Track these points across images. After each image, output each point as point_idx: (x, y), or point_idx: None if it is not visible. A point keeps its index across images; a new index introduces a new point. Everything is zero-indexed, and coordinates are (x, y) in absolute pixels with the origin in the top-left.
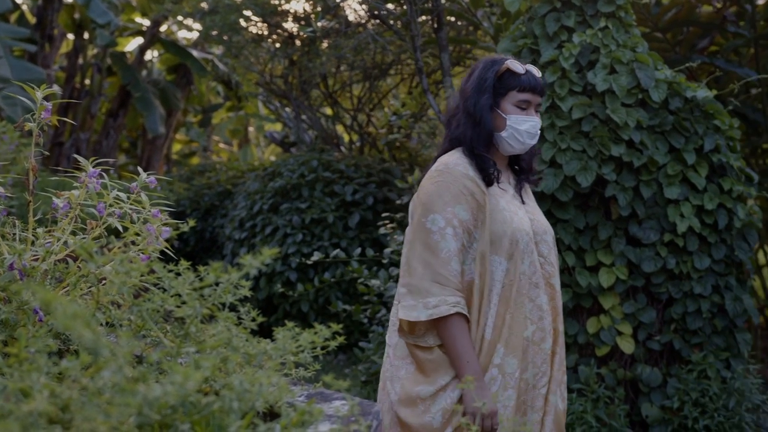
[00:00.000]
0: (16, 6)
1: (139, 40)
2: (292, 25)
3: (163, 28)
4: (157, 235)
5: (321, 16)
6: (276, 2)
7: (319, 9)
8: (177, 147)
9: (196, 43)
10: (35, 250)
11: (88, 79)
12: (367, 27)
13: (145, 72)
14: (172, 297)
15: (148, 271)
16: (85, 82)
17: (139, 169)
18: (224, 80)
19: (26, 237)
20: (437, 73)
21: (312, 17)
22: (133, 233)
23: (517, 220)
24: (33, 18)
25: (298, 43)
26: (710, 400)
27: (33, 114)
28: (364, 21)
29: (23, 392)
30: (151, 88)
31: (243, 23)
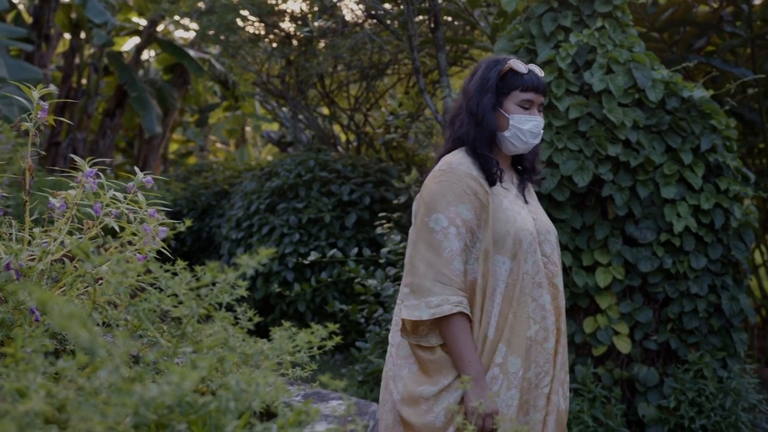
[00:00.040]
0: (13, 5)
1: (136, 39)
2: (289, 25)
3: (160, 27)
4: (153, 235)
5: (318, 16)
6: (273, 2)
7: (316, 9)
8: (174, 147)
9: (193, 43)
10: (32, 250)
11: (85, 78)
12: (364, 27)
13: (141, 72)
14: (169, 297)
15: (145, 271)
16: (82, 82)
17: (136, 168)
18: (221, 80)
19: (23, 237)
20: (434, 73)
21: (309, 17)
22: (130, 233)
23: (520, 219)
24: (30, 17)
25: (295, 43)
26: (707, 399)
27: (29, 114)
28: (361, 21)
29: (20, 392)
30: (148, 87)
31: (240, 23)
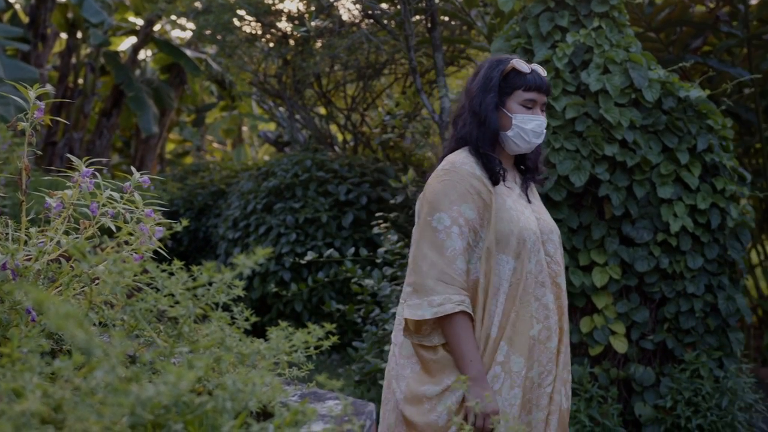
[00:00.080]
0: (9, 5)
1: (133, 39)
2: (285, 25)
3: (156, 27)
4: (150, 235)
5: (315, 16)
6: (270, 2)
7: (313, 8)
8: (170, 146)
9: (189, 43)
10: (28, 250)
11: (81, 78)
12: (361, 26)
13: (138, 71)
14: (165, 297)
15: (141, 271)
16: (78, 82)
17: (133, 168)
18: (218, 80)
19: (19, 237)
20: (431, 73)
21: (306, 17)
22: (126, 233)
23: (524, 219)
24: (26, 17)
25: (292, 43)
26: (703, 399)
27: (26, 113)
28: (357, 20)
29: (16, 392)
30: (145, 87)
31: (236, 23)
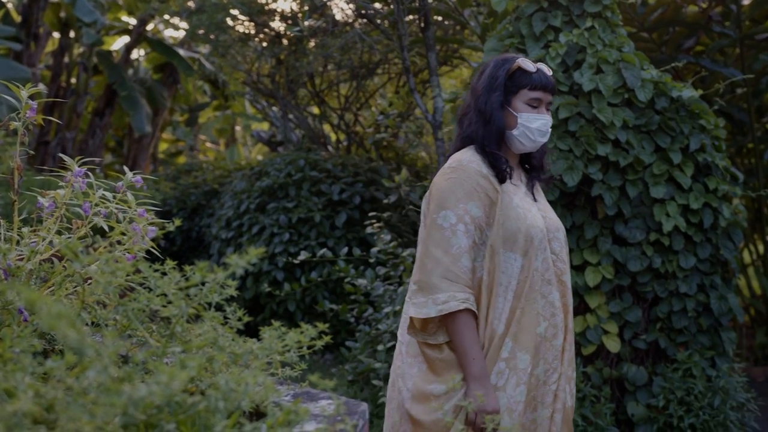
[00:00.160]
0: (2, 4)
1: (126, 38)
2: (279, 24)
3: (149, 26)
4: (143, 235)
5: (308, 15)
6: (263, 1)
7: (306, 8)
8: (163, 146)
9: (182, 42)
10: (20, 250)
11: (74, 77)
12: (354, 26)
13: (131, 71)
14: (158, 296)
15: (134, 271)
16: (71, 81)
17: (125, 168)
18: (211, 79)
19: (11, 236)
20: (424, 73)
21: (299, 16)
22: (119, 233)
23: (530, 217)
24: (18, 16)
25: (285, 42)
26: (695, 398)
27: (18, 113)
28: (351, 20)
29: (8, 392)
30: (138, 87)
31: (230, 22)
